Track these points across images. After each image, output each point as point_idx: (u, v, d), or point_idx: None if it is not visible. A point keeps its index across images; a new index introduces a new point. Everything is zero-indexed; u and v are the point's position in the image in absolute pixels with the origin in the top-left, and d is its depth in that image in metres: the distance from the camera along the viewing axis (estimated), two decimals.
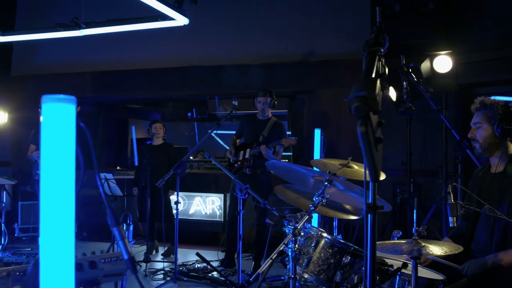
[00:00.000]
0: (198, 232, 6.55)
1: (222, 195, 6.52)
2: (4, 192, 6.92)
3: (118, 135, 9.03)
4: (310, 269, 2.67)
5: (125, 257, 1.11)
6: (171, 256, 5.64)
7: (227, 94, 6.79)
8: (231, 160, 5.26)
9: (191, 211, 6.62)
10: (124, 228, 3.49)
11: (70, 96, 0.98)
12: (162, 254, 5.80)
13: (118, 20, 4.57)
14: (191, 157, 8.31)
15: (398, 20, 5.42)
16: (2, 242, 5.89)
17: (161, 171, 5.67)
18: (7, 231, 5.92)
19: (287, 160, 7.14)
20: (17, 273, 1.24)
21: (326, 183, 2.50)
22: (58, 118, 0.98)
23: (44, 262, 0.97)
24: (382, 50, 1.62)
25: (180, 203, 4.90)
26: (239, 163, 5.18)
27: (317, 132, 5.00)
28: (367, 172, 1.32)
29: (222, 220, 6.49)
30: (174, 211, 5.96)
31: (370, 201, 1.54)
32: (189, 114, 11.14)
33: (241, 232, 3.96)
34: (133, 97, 7.91)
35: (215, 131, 9.25)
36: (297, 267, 2.72)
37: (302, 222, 2.40)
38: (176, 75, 6.78)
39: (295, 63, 6.27)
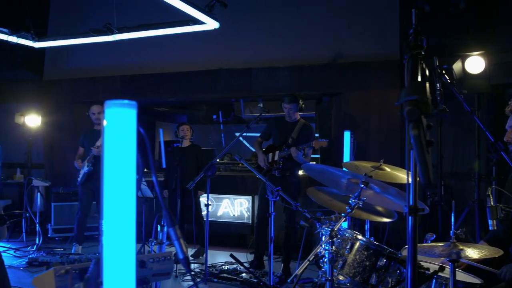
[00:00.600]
0: (226, 234, 6.60)
1: (250, 197, 6.56)
2: (38, 193, 7.11)
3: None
4: (345, 271, 2.67)
5: (181, 256, 1.15)
6: (201, 257, 5.70)
7: (255, 96, 6.83)
8: (264, 166, 5.23)
9: (220, 213, 6.68)
10: (159, 230, 3.56)
11: (132, 102, 1.02)
12: (191, 256, 5.87)
13: (150, 25, 4.65)
14: (217, 160, 8.38)
15: (428, 21, 5.36)
16: (37, 242, 6.06)
17: (189, 173, 5.75)
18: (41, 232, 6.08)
19: (314, 162, 7.13)
20: (74, 271, 1.29)
21: (362, 185, 2.50)
22: (120, 122, 1.02)
23: (107, 260, 1.01)
24: (422, 53, 1.62)
25: (210, 204, 4.96)
26: (267, 165, 5.20)
27: (347, 134, 4.99)
28: (407, 173, 1.33)
29: (250, 222, 6.52)
30: (203, 213, 6.09)
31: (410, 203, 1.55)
32: (214, 116, 11.26)
33: (272, 234, 3.97)
34: (162, 100, 8.02)
35: (244, 133, 9.33)
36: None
37: (339, 224, 2.41)
38: (205, 78, 6.85)
39: (323, 66, 6.26)
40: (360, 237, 2.71)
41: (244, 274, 4.96)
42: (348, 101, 6.21)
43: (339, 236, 2.53)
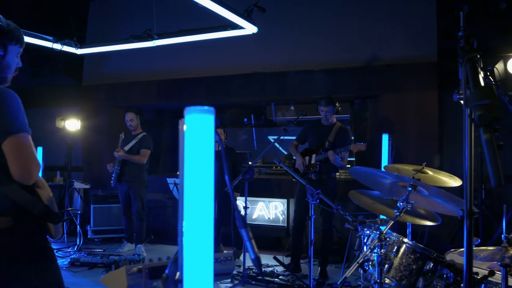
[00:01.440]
0: (261, 237, 6.63)
1: (285, 200, 6.58)
2: (78, 195, 7.32)
3: (177, 140, 9.30)
4: (392, 274, 2.67)
5: (252, 257, 1.18)
6: (237, 260, 5.75)
7: (290, 100, 6.85)
8: (301, 170, 5.25)
9: (255, 216, 6.72)
10: None
11: (210, 108, 1.07)
12: None
13: (190, 30, 4.74)
14: (249, 162, 8.43)
15: (467, 22, 5.28)
16: (78, 243, 6.23)
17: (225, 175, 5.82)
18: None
19: (349, 166, 7.10)
20: (146, 270, 1.35)
21: (410, 188, 2.50)
22: (200, 127, 1.06)
23: (187, 260, 1.06)
24: (478, 56, 1.62)
25: (248, 207, 5.01)
26: (305, 168, 5.22)
27: (385, 138, 4.96)
28: (464, 177, 1.33)
29: (286, 225, 6.54)
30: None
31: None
32: (245, 119, 11.33)
33: (312, 237, 3.98)
34: (197, 104, 8.09)
35: (281, 137, 9.37)
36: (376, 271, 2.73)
37: (388, 227, 2.41)
38: (239, 82, 6.92)
39: (359, 68, 6.24)
40: (406, 240, 2.70)
41: (281, 277, 4.98)
42: (384, 104, 6.17)
43: (396, 239, 2.53)
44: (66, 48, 5.28)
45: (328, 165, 5.07)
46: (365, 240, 3.41)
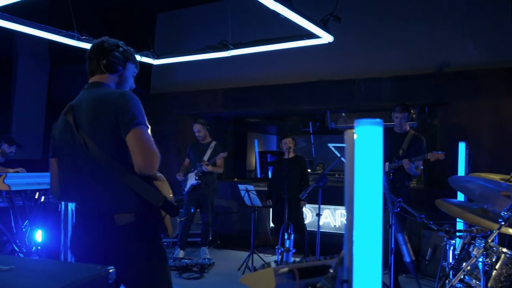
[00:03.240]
0: (326, 244, 6.63)
1: None
2: None
3: (236, 147, 9.46)
4: (491, 284, 2.64)
5: (408, 260, 1.24)
6: None
7: (357, 107, 6.83)
8: None
9: (320, 223, 6.71)
10: (286, 237, 3.69)
11: (378, 120, 1.13)
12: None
13: (266, 40, 4.84)
14: (309, 170, 8.47)
15: None
16: None
17: (294, 183, 5.91)
18: None
19: None
20: (296, 270, 1.42)
21: None
22: (369, 138, 1.13)
23: (357, 261, 1.13)
24: None
25: (321, 215, 5.05)
26: None
27: (462, 146, 4.84)
28: None
29: None
30: (306, 222, 6.24)
31: None
32: (301, 127, 11.38)
33: (392, 245, 3.97)
34: (263, 112, 8.24)
35: (334, 144, 9.37)
36: (474, 281, 2.70)
37: (492, 237, 2.39)
38: (305, 90, 6.97)
39: (428, 75, 6.15)
40: (505, 250, 2.67)
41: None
42: (456, 111, 6.05)
43: (494, 249, 2.51)
44: (145, 59, 5.52)
45: (402, 173, 5.02)
46: (451, 249, 3.38)
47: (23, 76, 8.73)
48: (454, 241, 3.43)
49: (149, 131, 2.10)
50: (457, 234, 2.91)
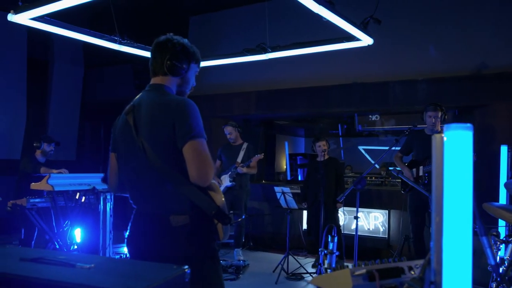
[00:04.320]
0: (360, 248, 6.59)
1: (386, 211, 6.51)
2: None
3: (265, 149, 9.48)
4: None
5: (492, 263, 1.24)
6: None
7: (391, 109, 6.79)
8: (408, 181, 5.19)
9: (353, 226, 6.69)
10: (329, 240, 3.69)
11: (468, 124, 1.14)
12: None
13: (305, 43, 4.85)
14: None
15: None
16: None
17: (330, 186, 5.90)
18: None
19: None
20: (374, 271, 1.43)
21: None
22: (459, 143, 1.14)
23: (446, 264, 1.14)
24: None
25: (359, 217, 5.03)
26: (413, 180, 5.14)
27: (504, 149, 4.77)
28: None
29: (386, 236, 6.47)
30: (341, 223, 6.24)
31: None
32: (329, 130, 11.37)
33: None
34: (296, 114, 8.23)
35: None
36: None
37: None
38: (339, 92, 6.95)
39: (465, 77, 6.07)
40: None
41: None
42: (494, 114, 5.96)
43: None
44: None
45: None
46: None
47: (59, 80, 8.95)
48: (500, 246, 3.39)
49: (205, 143, 2.11)
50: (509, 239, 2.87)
